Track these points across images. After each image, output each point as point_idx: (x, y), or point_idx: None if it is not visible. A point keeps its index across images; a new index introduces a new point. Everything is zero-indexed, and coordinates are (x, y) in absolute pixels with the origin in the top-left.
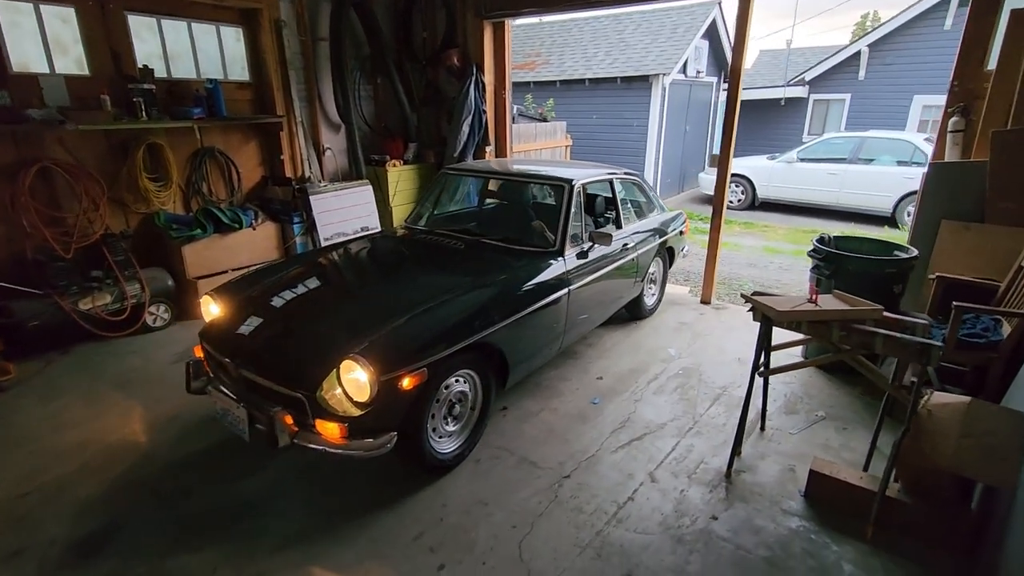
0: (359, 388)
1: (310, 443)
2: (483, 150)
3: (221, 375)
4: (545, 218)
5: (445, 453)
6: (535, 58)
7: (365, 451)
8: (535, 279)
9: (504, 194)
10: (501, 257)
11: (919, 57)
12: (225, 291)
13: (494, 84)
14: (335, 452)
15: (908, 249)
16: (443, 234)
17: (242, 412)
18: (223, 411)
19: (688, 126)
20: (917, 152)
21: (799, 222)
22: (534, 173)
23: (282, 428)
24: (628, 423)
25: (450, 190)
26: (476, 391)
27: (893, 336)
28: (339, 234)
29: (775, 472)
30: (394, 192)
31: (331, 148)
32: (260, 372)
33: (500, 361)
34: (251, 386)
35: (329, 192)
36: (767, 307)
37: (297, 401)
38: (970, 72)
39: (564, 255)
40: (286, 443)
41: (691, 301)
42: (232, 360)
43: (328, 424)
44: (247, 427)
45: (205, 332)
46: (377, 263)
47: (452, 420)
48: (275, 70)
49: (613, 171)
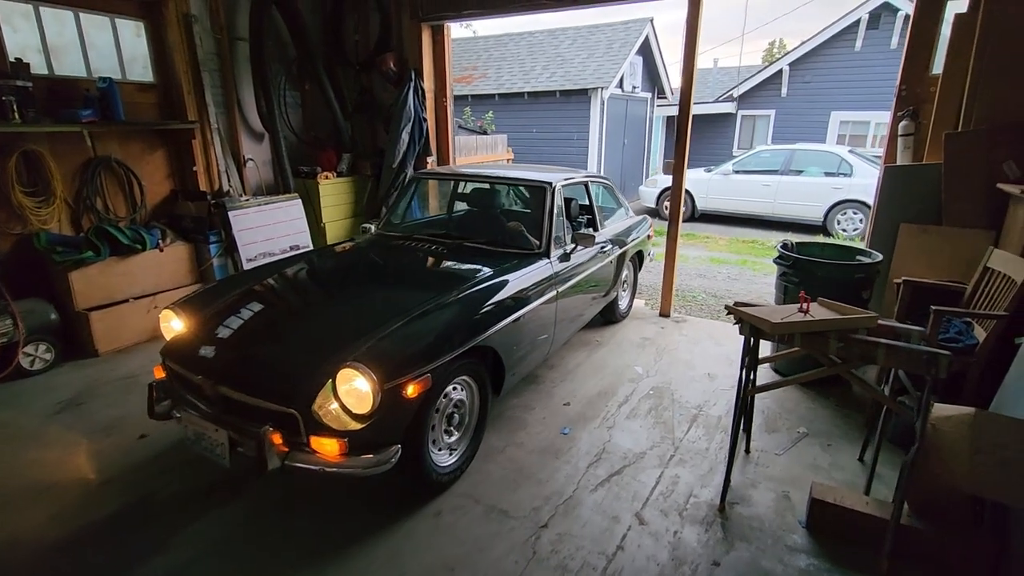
0: (360, 398)
1: (304, 463)
2: (424, 160)
3: (191, 396)
4: (524, 221)
5: (444, 467)
6: (472, 71)
7: (367, 468)
8: (526, 280)
9: (476, 199)
10: (488, 259)
11: (834, 76)
12: (189, 304)
13: (434, 91)
14: (333, 471)
15: (870, 253)
16: (423, 238)
17: (221, 435)
18: (196, 436)
19: (626, 140)
20: (843, 163)
21: (738, 232)
22: (511, 176)
23: (271, 449)
24: (604, 454)
25: (419, 196)
26: (473, 399)
27: (897, 346)
28: (264, 254)
29: (769, 501)
30: (326, 206)
31: (253, 159)
32: (243, 388)
33: (495, 366)
34: (230, 405)
35: (251, 207)
36: (758, 319)
37: (288, 418)
38: (916, 76)
39: (550, 256)
40: (276, 466)
41: (650, 315)
42: (207, 377)
43: (325, 441)
44: (227, 452)
45: (169, 350)
46: (357, 268)
47: (451, 431)
48: (185, 71)
49: (587, 174)
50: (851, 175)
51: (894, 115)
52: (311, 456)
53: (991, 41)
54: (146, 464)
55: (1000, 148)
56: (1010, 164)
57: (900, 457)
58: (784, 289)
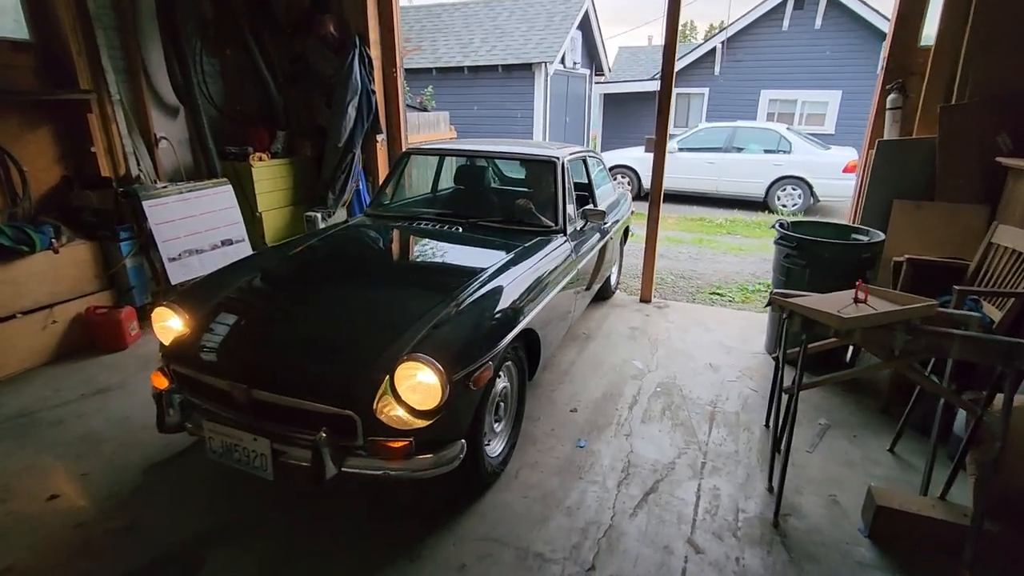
0: (426, 393)
1: (364, 468)
2: (373, 139)
3: (211, 404)
4: (532, 198)
5: (494, 458)
6: (405, 44)
7: (434, 467)
8: (554, 258)
9: (473, 176)
10: (509, 238)
11: (763, 55)
12: (187, 299)
13: (382, 60)
14: (397, 475)
15: (867, 231)
16: (430, 218)
17: (262, 445)
18: (225, 448)
19: (568, 118)
20: (782, 140)
21: (685, 210)
22: (515, 152)
23: (328, 456)
24: (631, 468)
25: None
26: (513, 385)
27: (976, 338)
28: (190, 251)
29: (820, 509)
30: (262, 193)
31: (167, 138)
32: (286, 391)
33: (529, 349)
34: (266, 411)
35: (171, 196)
36: (818, 312)
37: (343, 420)
38: (904, 49)
39: (567, 233)
40: (332, 474)
41: (629, 301)
42: (239, 381)
43: (389, 443)
44: (269, 463)
45: (175, 353)
46: (371, 252)
47: (498, 419)
48: (72, 27)
49: (582, 149)
50: (790, 152)
51: (881, 88)
52: (370, 460)
53: (987, 8)
54: (63, 542)
55: (996, 121)
56: (1004, 137)
57: (925, 445)
58: (787, 272)
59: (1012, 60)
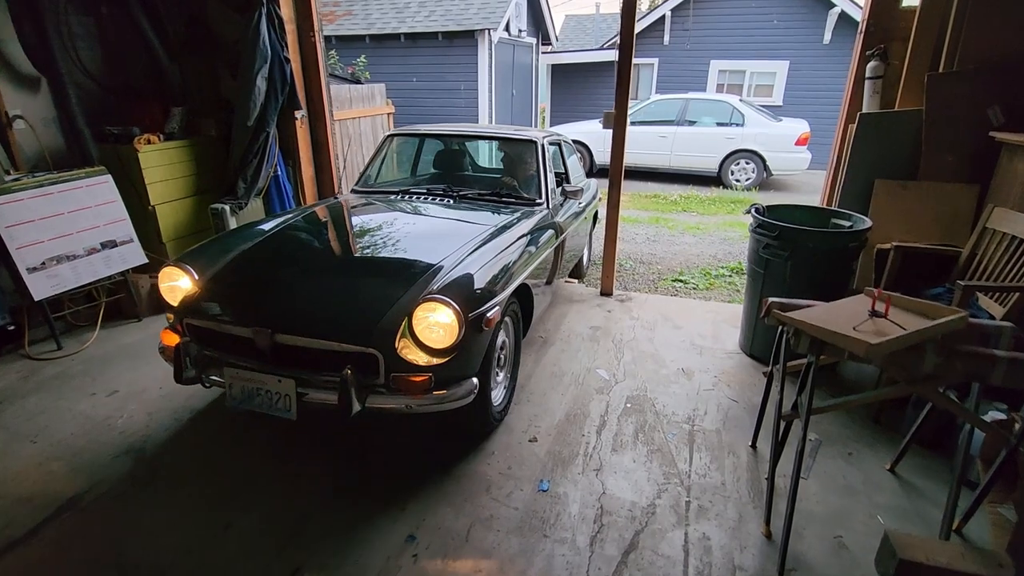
0: (445, 330)
1: (388, 404)
2: (291, 116)
3: (231, 353)
4: (514, 176)
5: (497, 405)
6: (333, 7)
7: (452, 401)
8: (540, 225)
9: (452, 157)
10: (500, 208)
11: (712, 24)
12: (196, 258)
13: (296, 22)
14: (420, 408)
15: (850, 216)
16: (423, 192)
17: (286, 386)
18: (247, 393)
19: (515, 90)
20: (735, 113)
21: (638, 187)
22: (496, 134)
23: (354, 392)
24: (605, 517)
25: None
26: (510, 340)
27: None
28: (59, 258)
29: (827, 558)
30: (154, 182)
31: (24, 116)
32: (310, 333)
33: (522, 306)
34: (288, 355)
35: (27, 191)
36: (838, 336)
37: (366, 359)
38: (885, 10)
39: (548, 208)
40: (358, 410)
41: (588, 294)
42: (262, 327)
43: (411, 377)
44: (293, 403)
45: (190, 308)
46: (373, 220)
47: (499, 370)
48: None
49: (554, 133)
50: (743, 125)
51: (860, 54)
52: (391, 397)
53: None
54: None
55: (989, 91)
56: (994, 109)
57: (926, 460)
58: (765, 264)
59: (1006, 22)
